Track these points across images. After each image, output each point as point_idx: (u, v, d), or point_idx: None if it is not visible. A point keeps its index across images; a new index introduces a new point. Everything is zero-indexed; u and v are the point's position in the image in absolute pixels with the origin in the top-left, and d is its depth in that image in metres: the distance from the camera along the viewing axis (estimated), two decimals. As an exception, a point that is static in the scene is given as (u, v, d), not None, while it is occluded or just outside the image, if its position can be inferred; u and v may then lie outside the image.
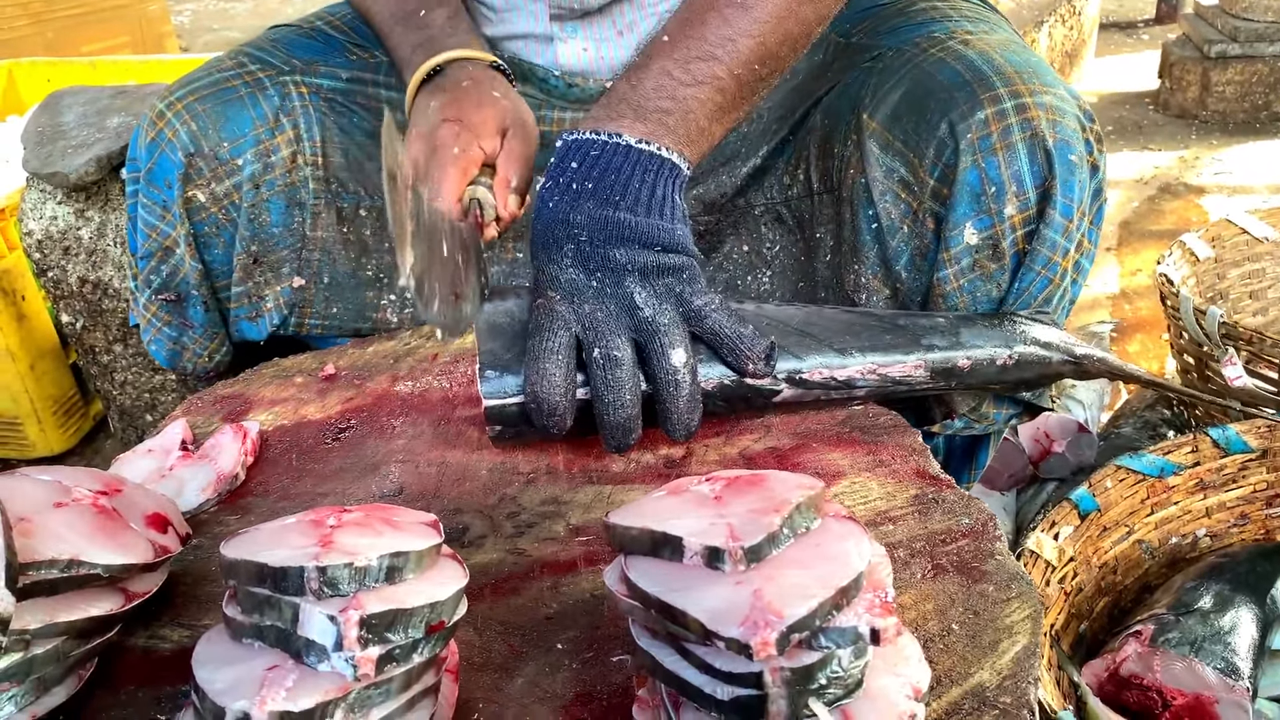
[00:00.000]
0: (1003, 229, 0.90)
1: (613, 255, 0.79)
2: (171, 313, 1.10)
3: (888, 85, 0.96)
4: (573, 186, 0.80)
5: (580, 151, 0.82)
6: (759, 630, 0.48)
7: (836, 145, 1.02)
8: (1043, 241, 0.90)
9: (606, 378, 0.77)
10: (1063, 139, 0.89)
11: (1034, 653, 0.62)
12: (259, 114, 1.07)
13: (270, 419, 0.94)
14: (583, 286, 0.79)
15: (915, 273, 0.96)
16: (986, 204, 0.90)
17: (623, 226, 0.79)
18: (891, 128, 0.95)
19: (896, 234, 0.95)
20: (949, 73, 0.92)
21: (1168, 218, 2.66)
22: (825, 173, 1.04)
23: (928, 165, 0.92)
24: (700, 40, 0.86)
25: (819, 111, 1.05)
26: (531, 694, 0.62)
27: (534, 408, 0.78)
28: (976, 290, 0.93)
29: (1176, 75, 3.42)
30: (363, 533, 0.57)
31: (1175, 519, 1.14)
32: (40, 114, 1.61)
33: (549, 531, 0.76)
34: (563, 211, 0.80)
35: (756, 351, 0.81)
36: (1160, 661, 0.94)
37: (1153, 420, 1.49)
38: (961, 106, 0.89)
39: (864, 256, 0.98)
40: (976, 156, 0.89)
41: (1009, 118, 0.88)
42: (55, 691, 0.61)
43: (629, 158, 0.81)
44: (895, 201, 0.95)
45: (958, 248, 0.91)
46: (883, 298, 0.98)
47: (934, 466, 0.80)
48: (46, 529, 0.61)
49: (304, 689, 0.51)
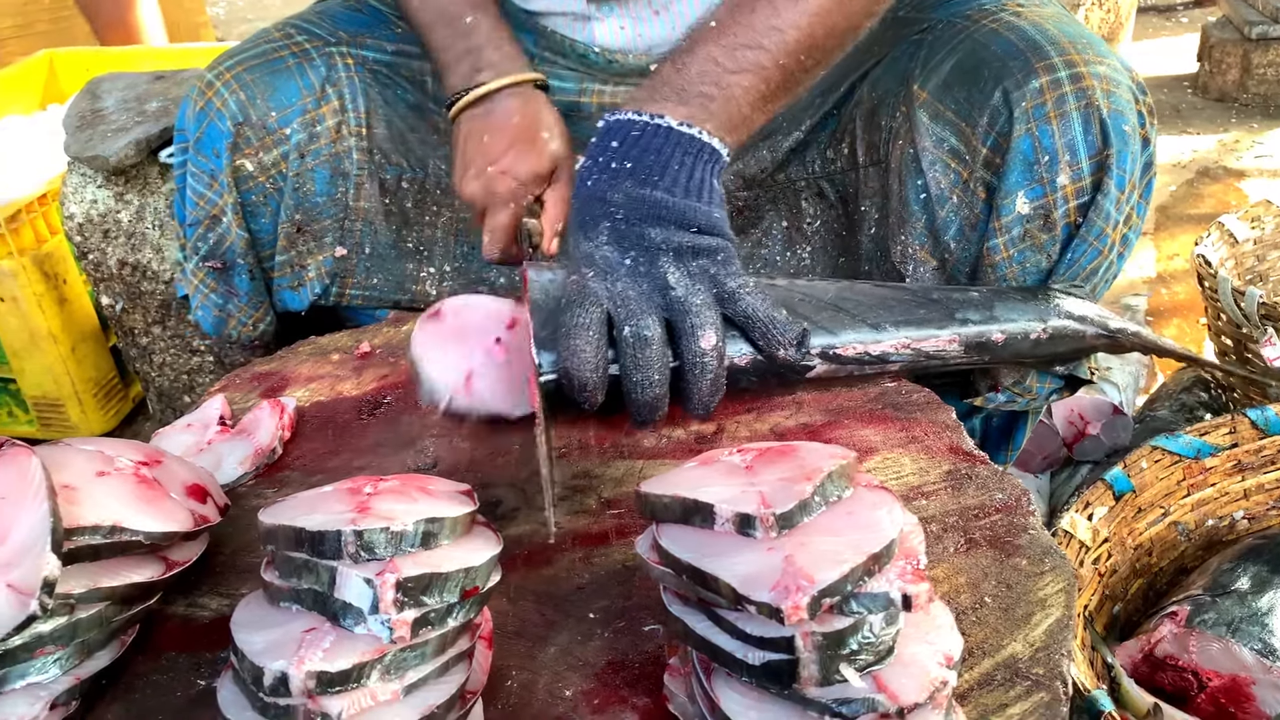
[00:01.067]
0: (1055, 198, 0.90)
1: (648, 234, 0.79)
2: (218, 280, 1.12)
3: (938, 56, 0.96)
4: (612, 165, 0.81)
5: (621, 131, 0.82)
6: (790, 594, 0.48)
7: (884, 118, 1.01)
8: (1099, 211, 0.90)
9: (636, 357, 0.77)
10: (1117, 109, 0.88)
11: (1067, 625, 0.62)
12: (306, 84, 1.08)
13: (307, 395, 0.95)
14: (616, 264, 0.79)
15: (964, 243, 0.95)
16: (1039, 173, 0.89)
17: (659, 206, 0.79)
18: (942, 97, 0.94)
19: (946, 204, 0.95)
20: (1002, 43, 0.92)
21: (1206, 202, 2.62)
22: (871, 146, 1.04)
23: (980, 134, 0.91)
24: (748, 28, 0.86)
25: (865, 85, 1.05)
26: (564, 661, 0.62)
27: (566, 383, 0.78)
28: (1026, 261, 0.93)
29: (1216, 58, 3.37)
30: (399, 499, 0.58)
31: (1212, 501, 1.12)
32: (81, 99, 1.63)
33: (581, 504, 0.77)
34: (600, 189, 0.80)
35: (789, 337, 0.81)
36: (1196, 642, 0.94)
37: (1190, 403, 1.47)
38: (1016, 75, 0.89)
39: (911, 227, 0.97)
40: (1030, 124, 0.88)
41: (1064, 86, 0.88)
42: (98, 656, 0.62)
43: (669, 139, 0.81)
44: (945, 171, 0.95)
45: (1009, 217, 0.91)
46: (930, 268, 0.98)
47: (967, 443, 0.80)
48: (90, 497, 0.62)
49: (341, 650, 0.52)
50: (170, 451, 0.76)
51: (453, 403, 0.80)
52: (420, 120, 1.13)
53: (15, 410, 1.86)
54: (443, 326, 0.84)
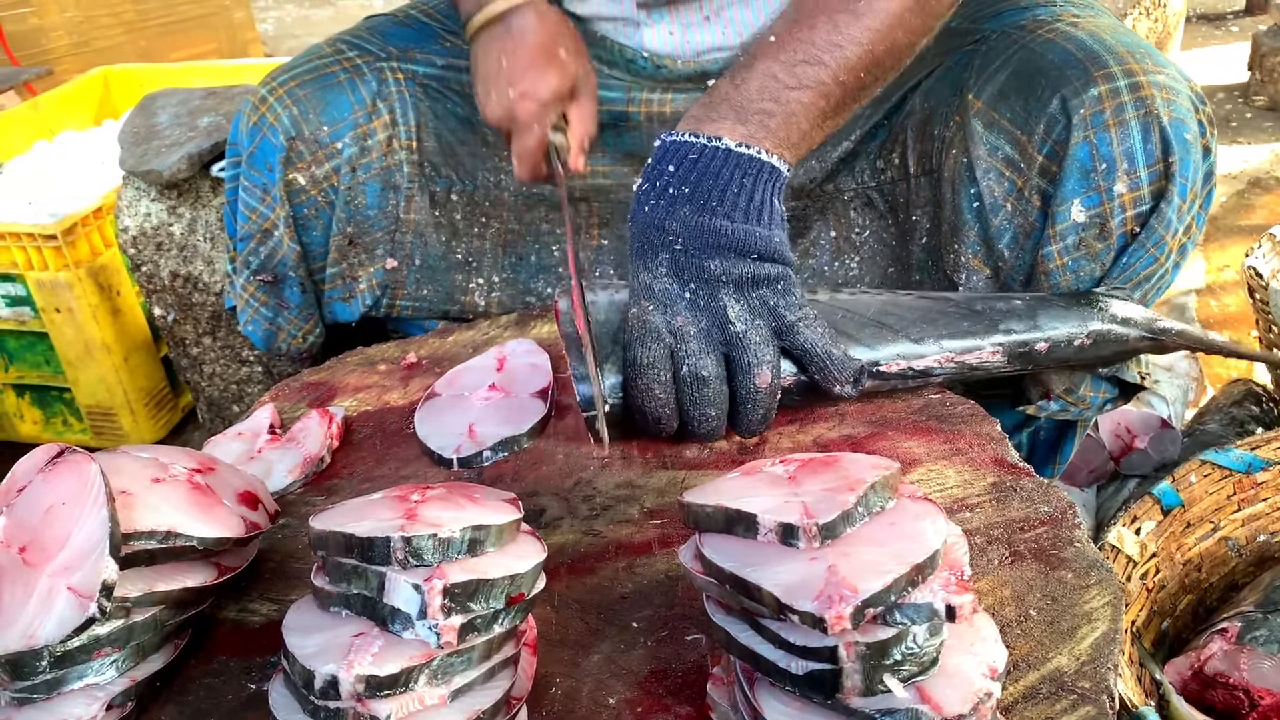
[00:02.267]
0: (1111, 207, 0.89)
1: (708, 266, 0.80)
2: (269, 294, 1.14)
3: (994, 65, 0.96)
4: (669, 191, 0.81)
5: (678, 155, 0.82)
6: (833, 604, 0.49)
7: (936, 127, 1.01)
8: (1160, 219, 0.89)
9: (694, 395, 0.79)
10: (1178, 117, 0.88)
11: (1114, 639, 0.62)
12: (357, 99, 1.10)
13: (355, 405, 0.97)
14: (676, 297, 0.80)
15: (1018, 251, 0.95)
16: (1096, 181, 0.89)
17: (719, 234, 0.80)
18: (997, 105, 0.94)
19: (999, 212, 0.95)
20: (1060, 51, 0.91)
21: (1257, 213, 2.58)
22: (923, 155, 1.04)
23: (1037, 142, 0.91)
24: (808, 44, 0.86)
25: (917, 95, 1.05)
26: (607, 669, 0.63)
27: (639, 418, 0.81)
28: (1080, 269, 0.92)
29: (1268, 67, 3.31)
30: (446, 507, 0.59)
31: (1264, 516, 1.11)
32: (136, 115, 1.67)
33: (624, 514, 0.77)
34: (658, 217, 0.81)
35: (845, 374, 0.81)
36: (1248, 660, 0.92)
37: (1240, 416, 1.45)
38: (1074, 83, 0.89)
39: (964, 236, 0.97)
40: (1088, 132, 0.88)
41: (1122, 95, 0.87)
42: (152, 659, 0.63)
43: (728, 161, 0.81)
44: (999, 179, 0.94)
45: (1064, 224, 0.91)
46: (983, 277, 0.97)
47: (1012, 455, 0.79)
48: (145, 502, 0.64)
49: (389, 655, 0.53)
50: (222, 459, 0.78)
51: (460, 456, 0.85)
52: (470, 133, 1.15)
53: (70, 419, 1.90)
54: (438, 402, 0.93)
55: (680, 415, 0.81)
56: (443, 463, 0.86)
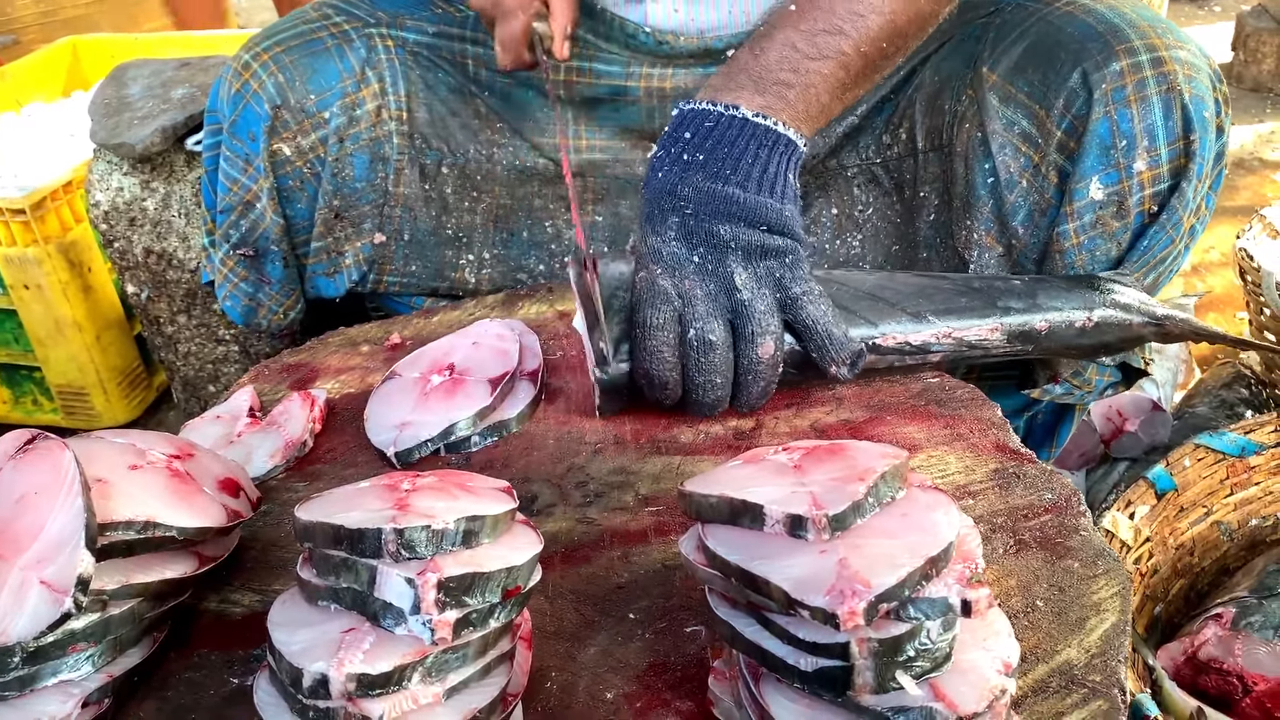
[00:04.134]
0: (1130, 185, 0.88)
1: (717, 231, 0.78)
2: (249, 268, 1.10)
3: (1009, 38, 0.94)
4: (683, 158, 0.80)
5: (695, 122, 0.81)
6: (846, 600, 0.47)
7: (948, 101, 0.99)
8: (1180, 198, 0.88)
9: (700, 360, 0.77)
10: (1198, 95, 0.86)
11: (1123, 630, 0.60)
12: (345, 66, 1.06)
13: (337, 387, 0.94)
14: (684, 261, 0.79)
15: (1033, 228, 0.93)
16: (1115, 158, 0.87)
17: (730, 202, 0.78)
18: (1014, 80, 0.92)
19: (1015, 188, 0.93)
20: (1080, 25, 0.90)
21: (1242, 194, 2.57)
22: (933, 130, 1.02)
23: (1055, 116, 0.89)
24: (829, 14, 0.84)
25: (927, 69, 1.03)
26: (605, 663, 0.61)
27: (644, 383, 0.79)
28: (1096, 249, 0.90)
29: (1251, 47, 3.31)
30: (438, 496, 0.57)
31: (1256, 500, 1.10)
32: (106, 86, 1.62)
33: (618, 501, 0.75)
34: (670, 183, 0.79)
35: (843, 354, 0.80)
36: (1241, 645, 0.91)
37: (1230, 399, 1.44)
38: (1095, 57, 0.87)
39: (978, 213, 0.95)
40: (1109, 108, 0.86)
41: (1144, 70, 0.86)
42: (131, 653, 0.61)
43: (744, 131, 0.80)
44: (1015, 155, 0.92)
45: (1081, 202, 0.89)
46: (996, 254, 0.96)
47: (1014, 440, 0.78)
48: (123, 491, 0.61)
49: (381, 652, 0.50)
50: (200, 444, 0.75)
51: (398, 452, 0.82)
52: (462, 104, 1.11)
53: (40, 399, 1.86)
54: (390, 386, 0.89)
55: (684, 384, 0.79)
56: (384, 459, 0.82)
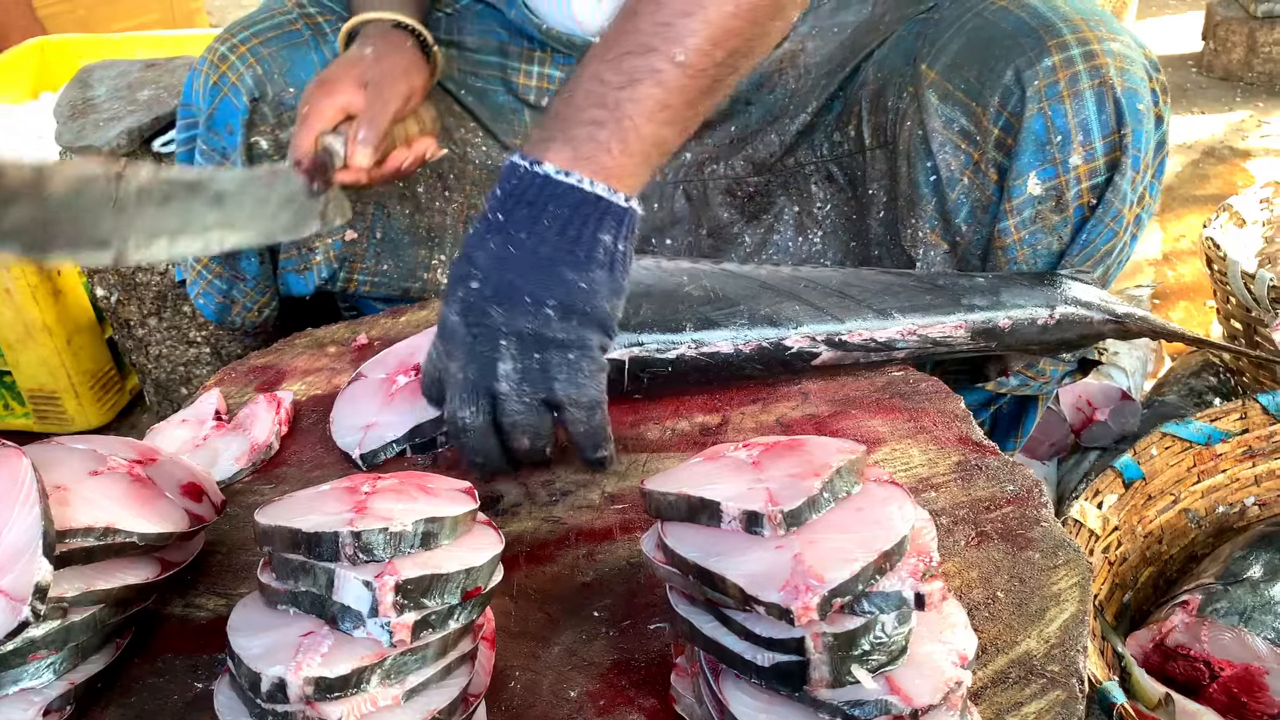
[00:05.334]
0: (1067, 179, 0.88)
1: (491, 314, 0.70)
2: (223, 265, 1.09)
3: (947, 35, 0.94)
4: (487, 217, 0.72)
5: (506, 179, 0.73)
6: (800, 595, 0.47)
7: (890, 98, 0.99)
8: (1115, 192, 0.88)
9: (458, 439, 0.73)
10: (1130, 87, 0.86)
11: (1082, 621, 0.61)
12: (321, 59, 1.05)
13: (304, 388, 0.94)
14: (459, 339, 0.71)
15: (976, 225, 0.94)
16: (1051, 153, 0.88)
17: (519, 273, 0.70)
18: (952, 77, 0.92)
19: (956, 186, 0.93)
20: (1013, 20, 0.89)
21: (1212, 182, 2.59)
22: (878, 127, 1.02)
23: (992, 114, 0.89)
24: (634, 34, 0.74)
25: (870, 65, 1.03)
26: (569, 661, 0.61)
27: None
28: (1038, 243, 0.91)
29: (1221, 36, 3.33)
30: (398, 499, 0.57)
31: (1223, 487, 1.11)
32: (72, 88, 1.61)
33: (584, 500, 0.76)
34: (472, 244, 0.72)
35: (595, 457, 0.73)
36: (1208, 632, 0.93)
37: (1198, 387, 1.46)
38: (1028, 53, 0.87)
39: (922, 210, 0.95)
40: (1043, 104, 0.87)
41: (1077, 64, 0.86)
42: (93, 659, 0.61)
43: (544, 190, 0.71)
44: (955, 152, 0.93)
45: (1020, 198, 0.89)
46: (941, 252, 0.96)
47: (977, 433, 0.78)
48: (83, 497, 0.61)
49: (339, 655, 0.50)
50: (165, 448, 0.75)
51: (364, 452, 0.82)
52: (435, 102, 1.11)
53: (11, 403, 1.85)
54: (356, 388, 0.89)
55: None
56: (349, 460, 0.82)
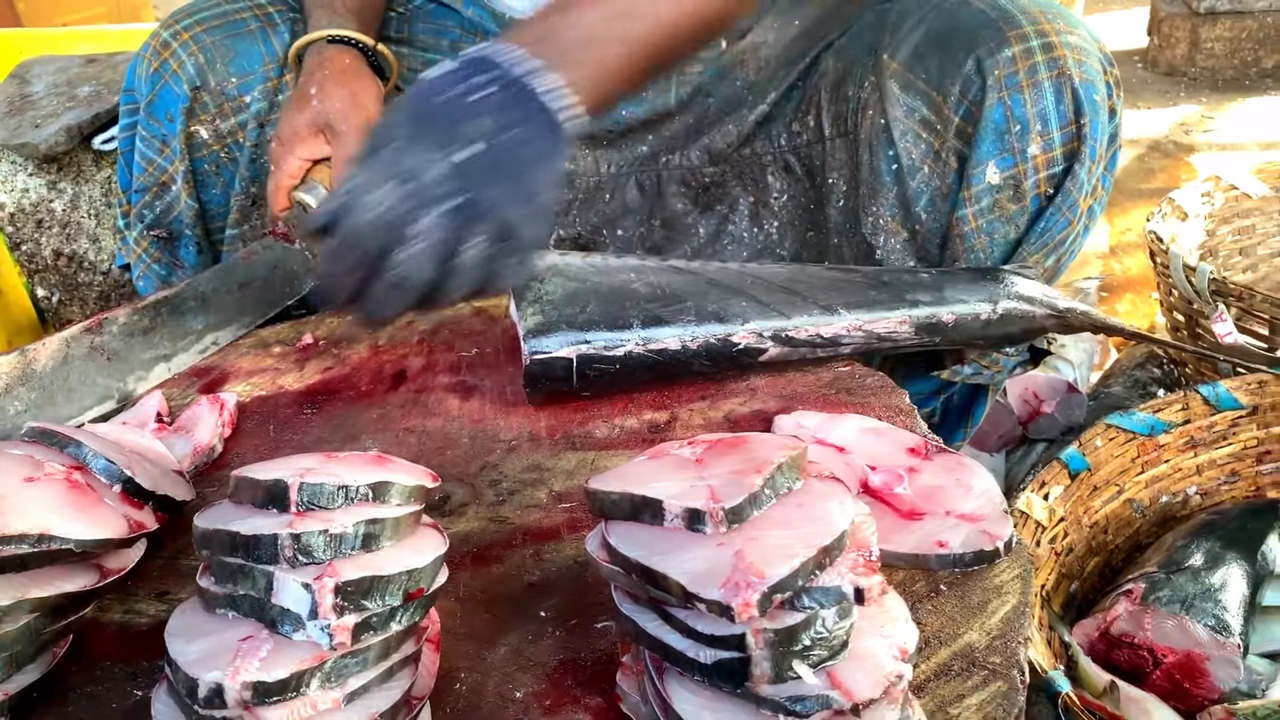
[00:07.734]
0: (1025, 169, 0.90)
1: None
2: (162, 250, 1.08)
3: (908, 25, 0.95)
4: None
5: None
6: (740, 591, 0.47)
7: (851, 88, 1.00)
8: (1074, 181, 0.90)
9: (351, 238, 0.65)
10: (1088, 79, 0.88)
11: (1024, 612, 0.62)
12: (269, 51, 1.04)
13: (248, 390, 0.93)
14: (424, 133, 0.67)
15: (935, 214, 0.95)
16: (1010, 143, 0.89)
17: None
18: (913, 67, 0.93)
19: (917, 174, 0.94)
20: (974, 12, 0.91)
21: (1157, 176, 2.64)
22: (838, 117, 1.02)
23: (953, 103, 0.91)
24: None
25: (830, 55, 1.03)
26: (514, 662, 0.61)
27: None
28: (995, 232, 0.92)
29: (1165, 32, 3.39)
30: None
31: (1166, 477, 1.13)
32: (8, 84, 1.58)
33: (531, 499, 0.75)
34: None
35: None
36: (1151, 620, 0.94)
37: (1143, 379, 1.48)
38: (989, 43, 0.89)
39: (883, 199, 0.96)
40: (1003, 94, 0.88)
41: (1036, 55, 0.87)
42: (27, 669, 0.59)
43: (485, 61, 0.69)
44: (916, 141, 0.94)
45: (979, 186, 0.91)
46: (901, 240, 0.97)
47: (921, 426, 0.79)
48: (17, 505, 0.60)
49: (278, 659, 0.50)
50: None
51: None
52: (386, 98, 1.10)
53: (-47, 406, 1.81)
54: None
55: None
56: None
